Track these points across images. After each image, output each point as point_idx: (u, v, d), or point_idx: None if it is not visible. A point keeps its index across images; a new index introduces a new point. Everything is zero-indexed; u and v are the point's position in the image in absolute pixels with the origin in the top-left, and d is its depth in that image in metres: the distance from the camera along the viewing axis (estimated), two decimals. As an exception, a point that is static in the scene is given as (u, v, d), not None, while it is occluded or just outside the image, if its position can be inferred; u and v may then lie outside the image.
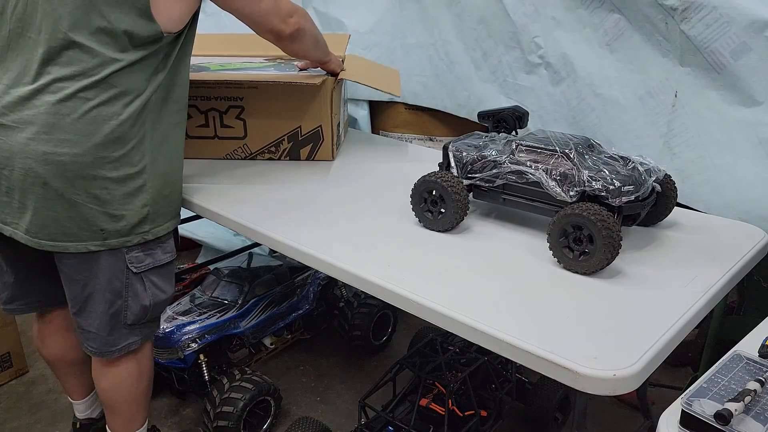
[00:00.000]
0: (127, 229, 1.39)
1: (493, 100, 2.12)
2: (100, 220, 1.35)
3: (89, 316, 1.47)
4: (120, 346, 1.51)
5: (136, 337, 1.53)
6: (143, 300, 1.48)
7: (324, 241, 1.40)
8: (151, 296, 1.49)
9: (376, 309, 2.37)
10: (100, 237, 1.37)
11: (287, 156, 1.95)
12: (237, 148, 1.95)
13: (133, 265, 1.43)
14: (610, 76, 1.81)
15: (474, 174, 1.44)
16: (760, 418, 0.81)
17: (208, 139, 1.94)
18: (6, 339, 2.25)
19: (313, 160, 1.95)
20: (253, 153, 1.95)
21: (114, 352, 1.51)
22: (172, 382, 2.06)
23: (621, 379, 0.94)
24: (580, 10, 1.82)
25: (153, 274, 1.49)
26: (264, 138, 1.94)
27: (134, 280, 1.45)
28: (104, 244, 1.37)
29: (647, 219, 1.44)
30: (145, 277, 1.47)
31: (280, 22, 1.50)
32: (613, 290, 1.19)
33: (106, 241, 1.37)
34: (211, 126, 1.92)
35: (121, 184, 1.35)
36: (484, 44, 2.10)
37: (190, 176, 1.82)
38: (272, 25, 1.50)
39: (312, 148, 1.95)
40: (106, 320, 1.46)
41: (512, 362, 1.87)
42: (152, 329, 1.60)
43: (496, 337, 1.04)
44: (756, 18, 1.46)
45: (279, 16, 1.49)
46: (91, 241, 1.36)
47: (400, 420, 1.72)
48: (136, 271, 1.44)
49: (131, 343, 1.52)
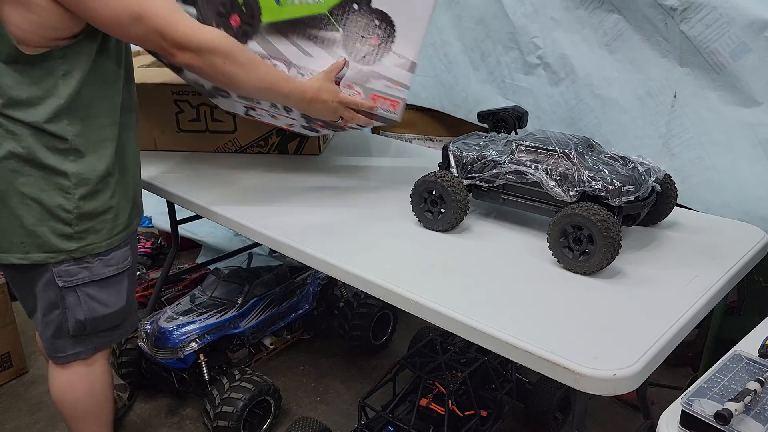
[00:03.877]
0: (48, 245, 1.32)
1: (490, 101, 2.12)
2: (18, 233, 1.30)
3: (36, 320, 1.45)
4: (66, 353, 1.46)
5: (83, 348, 1.47)
6: (77, 314, 1.41)
7: (324, 241, 1.40)
8: (86, 311, 1.41)
9: (376, 309, 2.37)
10: (22, 250, 1.32)
11: (275, 150, 1.99)
12: (227, 141, 2.00)
13: (61, 279, 1.36)
14: (609, 76, 1.81)
15: (474, 174, 1.44)
16: (760, 418, 0.81)
17: (200, 133, 1.99)
18: (6, 339, 2.25)
19: (301, 154, 1.98)
20: (243, 146, 1.99)
21: (60, 357, 1.47)
22: (172, 382, 2.05)
23: (621, 379, 0.94)
24: (579, 10, 1.82)
25: (90, 287, 1.40)
26: (253, 132, 1.99)
27: (66, 293, 1.38)
28: (27, 258, 1.32)
29: (647, 219, 1.45)
30: (79, 290, 1.39)
31: (167, 54, 1.27)
32: (613, 290, 1.19)
33: (28, 255, 1.32)
34: (202, 120, 1.96)
35: (36, 201, 1.29)
36: (482, 45, 2.10)
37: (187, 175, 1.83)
38: (160, 50, 1.28)
39: (299, 143, 1.98)
40: (49, 327, 1.43)
41: (512, 362, 1.87)
42: (104, 341, 1.51)
43: (496, 337, 1.04)
44: (756, 18, 1.46)
45: (161, 47, 1.26)
46: (14, 253, 1.32)
47: (400, 420, 1.72)
48: (65, 285, 1.37)
49: (79, 352, 1.47)
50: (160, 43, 1.24)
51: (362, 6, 1.53)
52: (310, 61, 1.54)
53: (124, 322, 1.53)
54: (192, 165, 1.93)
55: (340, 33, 1.54)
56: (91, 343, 1.48)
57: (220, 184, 1.76)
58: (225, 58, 1.28)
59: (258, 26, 1.51)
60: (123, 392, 2.11)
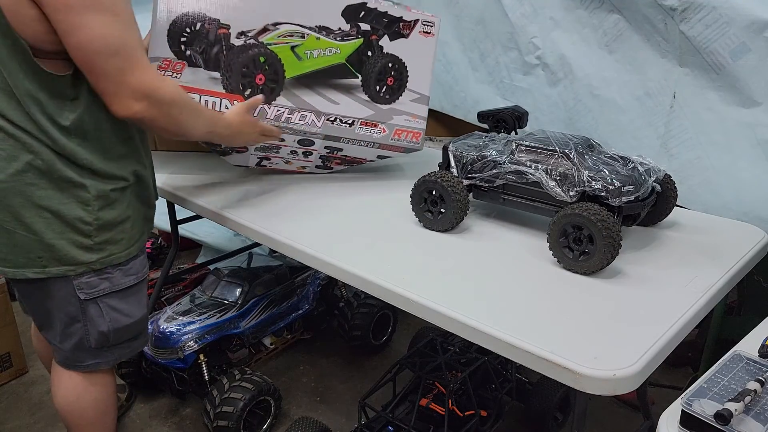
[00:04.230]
0: (67, 258, 1.30)
1: (489, 101, 2.12)
2: (35, 248, 1.28)
3: (50, 332, 1.42)
4: (87, 363, 1.44)
5: (103, 359, 1.45)
6: (100, 326, 1.39)
7: (324, 241, 1.40)
8: (109, 322, 1.40)
9: (376, 309, 2.37)
10: (39, 264, 1.30)
11: None
12: None
13: (82, 292, 1.34)
14: (608, 76, 1.81)
15: (474, 174, 1.44)
16: (760, 418, 0.81)
17: None
18: (6, 339, 2.25)
19: None
20: None
21: (80, 367, 1.45)
22: (172, 382, 2.05)
23: (621, 379, 0.94)
24: (579, 10, 1.82)
25: (112, 298, 1.39)
26: None
27: (88, 305, 1.37)
28: (44, 271, 1.30)
29: (647, 219, 1.45)
30: (101, 302, 1.38)
31: (118, 99, 1.21)
32: (613, 290, 1.19)
33: (46, 269, 1.30)
34: None
35: (54, 214, 1.27)
36: (481, 45, 2.10)
37: (187, 175, 1.83)
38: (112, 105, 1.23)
39: None
40: (69, 339, 1.40)
41: (512, 362, 1.87)
42: (125, 351, 1.49)
43: (496, 337, 1.04)
44: (756, 18, 1.46)
45: (115, 91, 1.20)
46: (30, 268, 1.30)
47: (400, 420, 1.72)
48: (86, 297, 1.35)
49: (99, 362, 1.45)
50: (118, 87, 1.19)
51: (376, 52, 1.71)
52: (337, 108, 1.68)
53: (142, 332, 1.52)
54: (192, 165, 1.93)
55: (359, 79, 1.71)
56: (112, 355, 1.47)
57: (220, 185, 1.76)
58: (181, 109, 1.29)
59: (282, 82, 1.61)
60: (121, 393, 2.11)
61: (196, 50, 1.55)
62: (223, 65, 1.56)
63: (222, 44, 1.56)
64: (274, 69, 1.60)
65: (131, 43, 1.19)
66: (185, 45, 1.54)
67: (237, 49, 1.56)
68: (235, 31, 1.56)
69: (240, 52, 1.56)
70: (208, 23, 1.54)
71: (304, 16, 1.62)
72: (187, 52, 1.54)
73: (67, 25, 1.13)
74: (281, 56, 1.60)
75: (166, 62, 1.53)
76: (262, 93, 1.58)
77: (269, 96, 1.60)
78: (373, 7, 1.68)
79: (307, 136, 1.65)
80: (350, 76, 1.70)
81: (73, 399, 1.48)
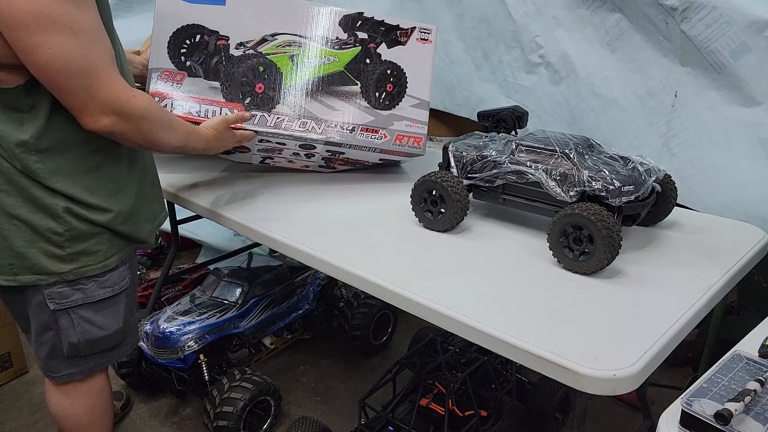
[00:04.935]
0: (37, 267, 1.26)
1: (493, 100, 2.12)
2: (6, 255, 1.25)
3: (29, 338, 1.42)
4: (61, 373, 1.42)
5: (78, 368, 1.42)
6: (70, 337, 1.35)
7: (324, 240, 1.40)
8: (80, 333, 1.35)
9: (376, 309, 2.37)
10: (10, 272, 1.26)
11: None
12: None
13: (53, 302, 1.30)
14: (610, 75, 1.81)
15: (474, 174, 1.44)
16: (760, 418, 0.81)
17: None
18: (6, 339, 2.25)
19: None
20: None
21: (55, 377, 1.43)
22: (172, 382, 2.05)
23: (621, 379, 0.94)
24: (581, 9, 1.82)
25: (85, 309, 1.34)
26: None
27: (59, 315, 1.33)
28: (15, 279, 1.27)
29: (647, 219, 1.44)
30: (72, 312, 1.33)
31: (86, 114, 1.17)
32: (613, 290, 1.19)
33: (17, 277, 1.27)
34: None
35: (24, 223, 1.23)
36: (484, 44, 2.10)
37: (187, 175, 1.83)
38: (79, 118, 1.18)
39: None
40: (42, 347, 1.38)
41: (512, 362, 1.87)
42: (101, 361, 1.45)
43: (496, 337, 1.04)
44: (756, 18, 1.46)
45: (82, 108, 1.16)
46: (2, 275, 1.27)
47: (400, 420, 1.72)
48: (56, 308, 1.31)
49: (73, 373, 1.42)
50: (85, 104, 1.14)
51: (374, 60, 1.73)
52: (336, 114, 1.69)
53: (122, 343, 1.47)
54: (192, 165, 1.93)
55: (359, 86, 1.72)
56: (86, 364, 1.43)
57: (220, 185, 1.76)
58: (152, 123, 1.24)
59: (281, 91, 1.64)
60: (117, 400, 2.10)
61: (195, 61, 1.59)
62: (223, 75, 1.59)
63: (221, 55, 1.60)
64: (273, 78, 1.63)
65: (95, 60, 1.13)
66: (185, 56, 1.59)
67: (236, 59, 1.60)
68: (234, 42, 1.60)
69: (239, 62, 1.60)
70: (207, 35, 1.59)
71: (302, 26, 1.66)
72: (187, 63, 1.58)
73: (23, 44, 1.08)
74: (280, 65, 1.63)
75: (166, 73, 1.55)
76: (262, 102, 1.60)
77: (269, 104, 1.62)
78: (370, 16, 1.70)
79: (309, 142, 1.66)
80: (349, 84, 1.72)
81: (66, 404, 1.47)
